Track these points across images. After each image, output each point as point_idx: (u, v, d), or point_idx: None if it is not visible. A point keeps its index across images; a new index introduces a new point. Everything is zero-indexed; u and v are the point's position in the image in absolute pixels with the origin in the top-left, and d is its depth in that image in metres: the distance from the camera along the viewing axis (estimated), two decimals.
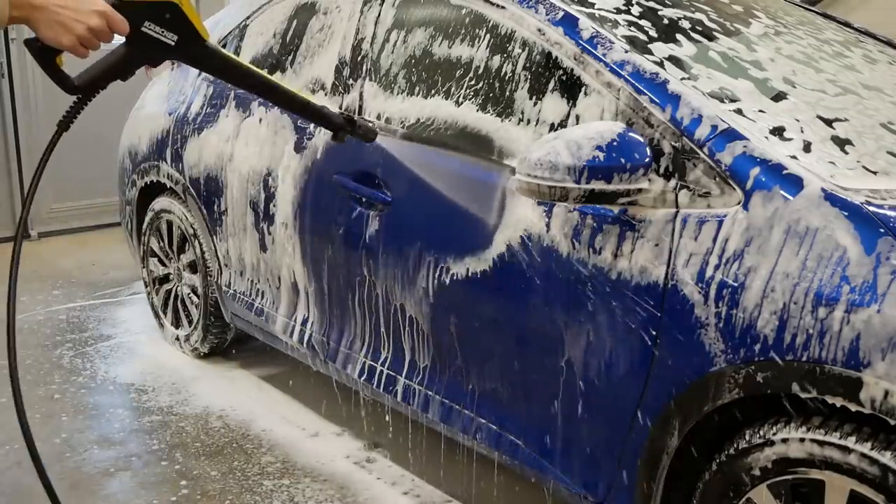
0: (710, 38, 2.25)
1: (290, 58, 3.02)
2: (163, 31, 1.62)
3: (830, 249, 1.61)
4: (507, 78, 2.26)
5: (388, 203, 2.46)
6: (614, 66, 2.01)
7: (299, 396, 3.26)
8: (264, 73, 1.87)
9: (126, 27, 1.57)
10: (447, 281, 2.29)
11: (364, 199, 2.54)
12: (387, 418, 3.00)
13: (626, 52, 2.04)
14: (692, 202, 1.82)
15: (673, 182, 1.86)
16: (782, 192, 1.69)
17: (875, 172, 1.82)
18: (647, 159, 1.84)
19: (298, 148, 2.79)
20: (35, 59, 1.58)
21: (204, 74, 3.39)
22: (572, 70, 2.11)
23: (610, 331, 1.94)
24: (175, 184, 3.42)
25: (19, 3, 1.44)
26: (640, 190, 1.84)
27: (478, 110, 2.30)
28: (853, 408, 1.55)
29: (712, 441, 1.83)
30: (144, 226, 3.70)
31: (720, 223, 1.75)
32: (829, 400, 1.58)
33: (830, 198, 1.65)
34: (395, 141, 2.48)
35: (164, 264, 3.67)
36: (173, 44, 1.63)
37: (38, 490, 2.63)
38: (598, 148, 1.81)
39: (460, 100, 2.35)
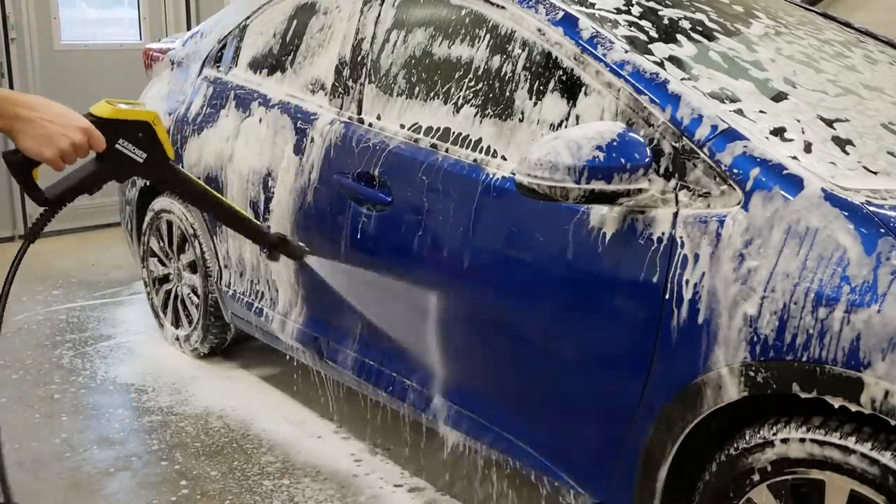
0: (711, 39, 2.25)
1: (290, 58, 3.02)
2: (134, 150, 1.68)
3: (830, 249, 1.61)
4: (506, 78, 2.26)
5: (388, 203, 2.46)
6: (614, 66, 2.01)
7: (299, 396, 3.26)
8: (216, 193, 2.03)
9: (104, 144, 1.60)
10: (447, 280, 2.29)
11: (364, 200, 2.54)
12: (387, 418, 3.00)
13: (627, 52, 2.03)
14: (692, 202, 1.82)
15: (673, 182, 1.86)
16: (782, 192, 1.69)
17: (875, 173, 1.82)
18: (647, 159, 1.84)
19: (298, 148, 2.79)
20: (11, 171, 1.58)
21: (204, 74, 3.40)
22: (572, 70, 2.10)
23: (610, 331, 1.94)
24: None
25: (5, 113, 1.46)
26: (640, 190, 1.84)
27: (477, 110, 2.30)
28: (853, 408, 1.55)
29: (712, 441, 1.83)
30: (144, 226, 3.70)
31: (720, 223, 1.75)
32: (829, 400, 1.58)
33: (830, 198, 1.65)
34: (395, 141, 2.48)
35: (163, 264, 3.67)
36: (142, 161, 1.70)
37: (38, 490, 2.63)
38: (598, 148, 1.81)
39: (460, 100, 2.35)
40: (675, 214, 1.83)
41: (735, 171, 1.76)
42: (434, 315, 2.36)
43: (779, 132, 1.86)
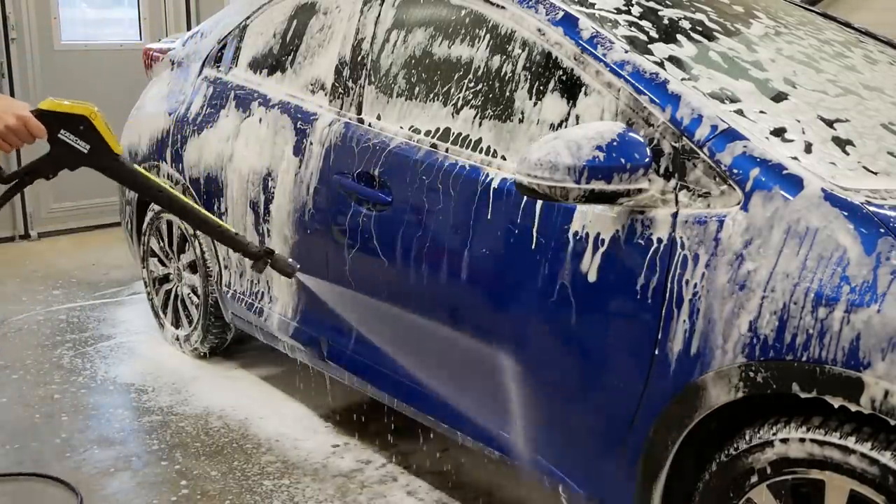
0: (711, 39, 2.25)
1: (290, 58, 3.03)
2: (76, 140, 1.92)
3: (830, 249, 1.61)
4: (506, 78, 2.26)
5: (387, 203, 2.46)
6: (614, 66, 2.01)
7: (300, 396, 3.26)
8: (177, 192, 2.11)
9: (43, 132, 1.86)
10: (446, 281, 2.29)
11: (364, 200, 2.54)
12: (389, 417, 3.00)
13: (626, 52, 2.03)
14: (692, 202, 1.82)
15: (673, 182, 1.86)
16: (782, 192, 1.69)
17: (876, 173, 1.82)
18: (647, 159, 1.84)
19: (298, 148, 2.79)
20: None
21: (204, 74, 3.40)
22: (572, 70, 2.10)
23: (610, 331, 1.94)
24: (175, 184, 3.42)
25: None
26: (640, 190, 1.84)
27: (477, 110, 2.30)
28: (853, 408, 1.55)
29: (712, 441, 1.83)
30: (144, 226, 3.70)
31: (720, 223, 1.75)
32: (829, 400, 1.58)
33: (830, 198, 1.65)
34: (395, 141, 2.48)
35: (164, 264, 3.67)
36: (86, 152, 1.93)
37: (38, 489, 2.63)
38: (598, 148, 1.81)
39: (460, 100, 2.35)
40: (675, 215, 1.83)
41: (735, 171, 1.76)
42: (433, 314, 2.37)
43: (779, 132, 1.86)
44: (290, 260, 2.24)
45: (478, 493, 2.64)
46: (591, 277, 1.95)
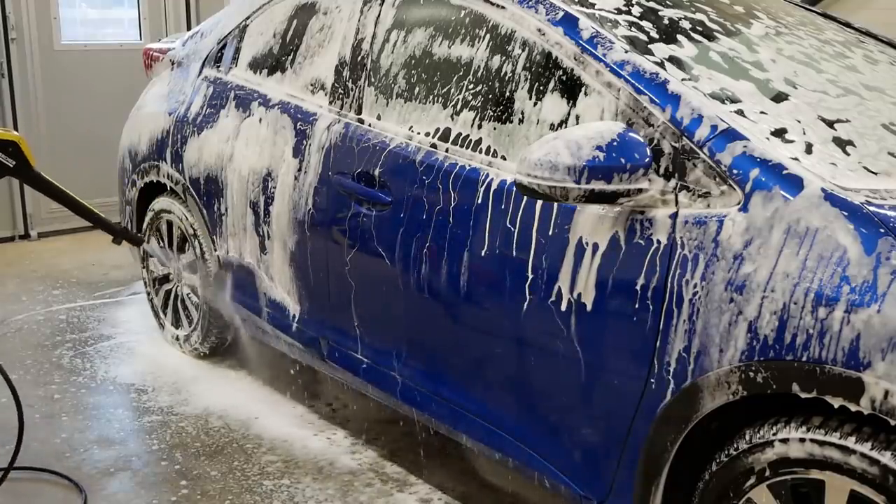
0: (711, 39, 2.25)
1: (290, 58, 3.02)
2: (6, 158, 2.52)
3: (830, 249, 1.61)
4: (506, 78, 2.26)
5: (387, 203, 2.46)
6: (614, 66, 2.01)
7: (300, 396, 3.26)
8: (70, 192, 2.74)
9: None
10: (445, 281, 2.29)
11: (364, 200, 2.54)
12: (389, 418, 3.00)
13: (626, 52, 2.03)
14: (692, 202, 1.82)
15: (673, 182, 1.86)
16: (782, 192, 1.69)
17: (876, 173, 1.82)
18: (647, 159, 1.84)
19: (298, 149, 2.79)
20: None
21: (204, 74, 3.40)
22: (572, 70, 2.10)
23: (610, 332, 1.94)
24: (175, 184, 3.42)
25: None
26: (640, 190, 1.84)
27: (477, 110, 2.30)
28: (853, 408, 1.55)
29: (712, 441, 1.83)
30: (144, 226, 3.70)
31: (720, 223, 1.75)
32: (829, 400, 1.58)
33: (830, 198, 1.65)
34: (395, 141, 2.48)
35: (163, 264, 3.67)
36: (11, 166, 2.53)
37: (38, 490, 2.63)
38: (598, 148, 1.81)
39: (459, 100, 2.35)
40: (675, 215, 1.83)
41: (735, 171, 1.76)
42: (434, 314, 2.37)
43: (780, 133, 1.86)
44: (139, 234, 3.48)
45: (480, 494, 2.64)
46: (591, 278, 1.95)
